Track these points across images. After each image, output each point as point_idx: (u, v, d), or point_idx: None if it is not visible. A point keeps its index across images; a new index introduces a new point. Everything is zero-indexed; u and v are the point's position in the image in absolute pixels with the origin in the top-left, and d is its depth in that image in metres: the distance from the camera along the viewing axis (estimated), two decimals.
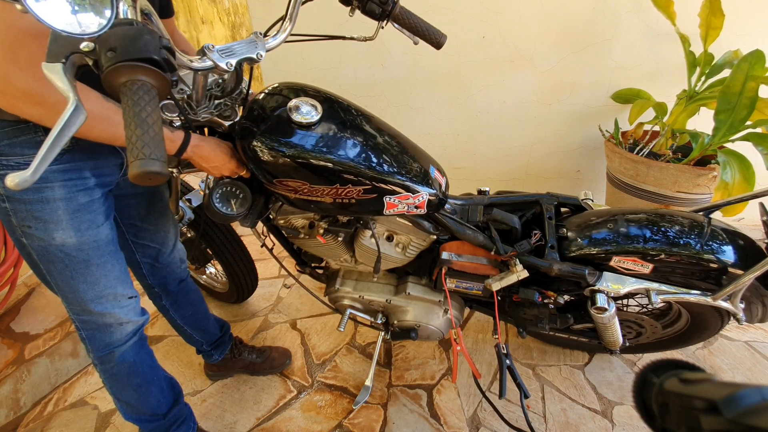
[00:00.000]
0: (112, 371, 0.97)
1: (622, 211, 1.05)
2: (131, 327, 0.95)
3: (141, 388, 1.01)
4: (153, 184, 0.43)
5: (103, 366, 0.97)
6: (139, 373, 1.00)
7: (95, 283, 0.85)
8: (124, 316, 0.92)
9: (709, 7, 1.59)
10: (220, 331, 1.39)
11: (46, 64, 0.44)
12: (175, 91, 0.72)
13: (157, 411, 1.05)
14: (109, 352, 0.94)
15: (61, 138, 0.44)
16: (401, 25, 0.91)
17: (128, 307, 0.93)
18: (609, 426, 1.28)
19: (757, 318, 1.05)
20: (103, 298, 0.87)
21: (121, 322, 0.92)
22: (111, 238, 0.86)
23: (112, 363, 0.96)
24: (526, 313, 1.15)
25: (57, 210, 0.75)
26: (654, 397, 0.43)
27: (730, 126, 1.50)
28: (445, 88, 2.14)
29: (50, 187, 0.74)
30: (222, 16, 3.45)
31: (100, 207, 0.82)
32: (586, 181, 2.33)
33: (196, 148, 0.77)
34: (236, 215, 0.86)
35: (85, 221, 0.79)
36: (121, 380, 0.99)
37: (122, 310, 0.91)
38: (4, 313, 1.56)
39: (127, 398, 1.03)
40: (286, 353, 1.52)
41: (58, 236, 0.77)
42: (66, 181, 0.75)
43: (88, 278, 0.84)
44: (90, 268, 0.83)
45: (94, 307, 0.87)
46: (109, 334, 0.92)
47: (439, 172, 0.98)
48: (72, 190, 0.76)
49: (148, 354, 1.03)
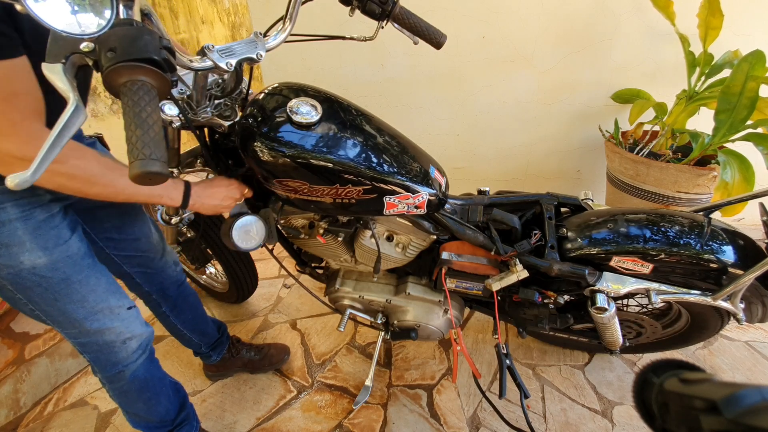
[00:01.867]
0: (122, 389, 0.95)
1: (622, 211, 1.05)
2: (135, 343, 0.91)
3: (151, 401, 1.00)
4: (153, 185, 0.43)
5: (112, 385, 0.94)
6: (149, 387, 0.98)
7: (83, 300, 0.80)
8: (126, 329, 0.87)
9: (708, 7, 1.59)
10: (218, 332, 1.39)
11: (46, 65, 0.44)
12: (175, 91, 0.72)
13: (165, 418, 1.05)
14: (119, 371, 0.90)
15: (61, 138, 0.44)
16: (401, 25, 0.91)
17: (129, 319, 0.88)
18: (609, 426, 1.28)
19: (757, 318, 1.05)
20: (98, 314, 0.82)
21: (123, 338, 0.87)
22: (84, 251, 0.80)
23: (123, 382, 0.93)
24: (526, 313, 1.15)
25: (16, 231, 0.70)
26: (654, 397, 0.43)
27: (730, 126, 1.50)
28: (445, 88, 2.14)
29: (2, 209, 0.69)
30: (222, 16, 3.45)
31: (62, 221, 0.77)
32: (586, 181, 2.33)
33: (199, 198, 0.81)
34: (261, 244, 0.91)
35: (50, 238, 0.74)
36: (132, 396, 0.97)
37: (123, 323, 0.86)
38: (4, 313, 1.56)
39: (136, 411, 1.01)
40: (284, 349, 1.51)
41: (26, 259, 0.72)
42: (17, 200, 0.70)
43: (74, 297, 0.79)
44: (72, 286, 0.78)
45: (90, 326, 0.82)
46: (114, 353, 0.88)
47: (439, 172, 0.98)
48: (26, 208, 0.71)
49: (156, 366, 1.01)
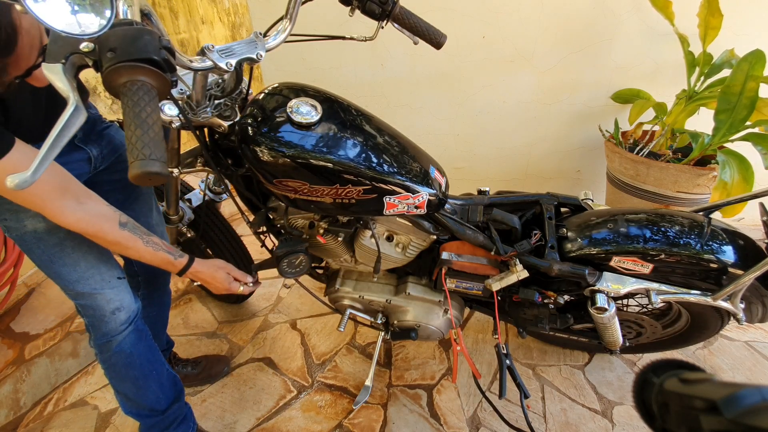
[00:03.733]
0: (110, 361, 0.99)
1: (622, 211, 1.05)
2: (124, 315, 0.96)
3: (138, 381, 1.02)
4: (153, 185, 0.43)
5: (102, 355, 0.99)
6: (136, 365, 1.01)
7: (75, 264, 0.87)
8: (116, 297, 0.93)
9: (708, 7, 1.59)
10: (165, 343, 1.40)
11: (46, 65, 0.44)
12: (175, 91, 0.72)
13: (155, 406, 1.06)
14: (107, 341, 0.96)
15: (61, 138, 0.44)
16: (401, 25, 0.91)
17: (119, 287, 0.94)
18: (609, 426, 1.28)
19: (757, 318, 1.05)
20: (89, 279, 0.89)
21: (113, 306, 0.93)
22: None
23: (110, 352, 0.97)
24: (526, 313, 1.15)
25: None
26: (654, 397, 0.43)
27: (730, 126, 1.50)
28: (445, 88, 2.14)
29: None
30: (222, 16, 3.45)
31: None
32: (586, 181, 2.33)
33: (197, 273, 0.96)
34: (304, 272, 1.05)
35: None
36: (119, 371, 1.00)
37: (113, 291, 0.93)
38: (4, 313, 1.56)
39: (125, 391, 1.04)
40: (222, 360, 1.50)
41: (29, 223, 0.81)
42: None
43: (66, 260, 0.86)
44: (65, 250, 0.86)
45: (81, 288, 0.89)
46: (105, 322, 0.94)
47: (439, 172, 0.98)
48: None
49: (148, 348, 1.04)
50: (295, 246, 1.00)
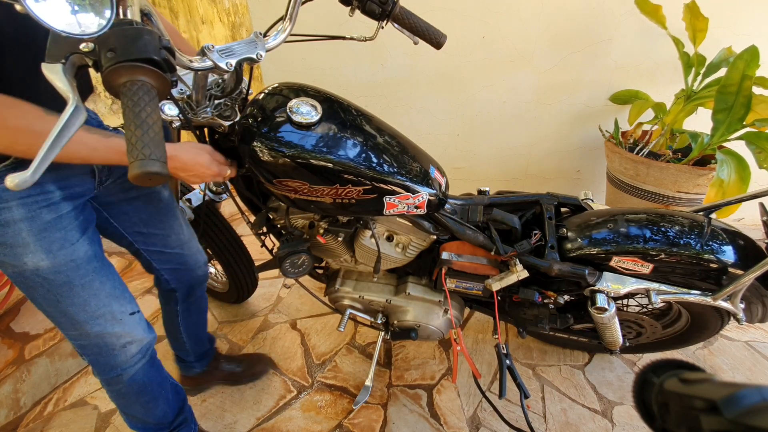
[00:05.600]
0: (120, 392, 0.94)
1: (622, 211, 1.05)
2: (135, 348, 0.89)
3: (149, 404, 0.98)
4: (153, 185, 0.43)
5: (110, 387, 0.93)
6: (147, 391, 0.96)
7: (84, 304, 0.78)
8: (128, 334, 0.86)
9: (690, 12, 1.61)
10: (208, 342, 1.37)
11: (46, 65, 0.44)
12: (175, 91, 0.72)
13: (162, 420, 1.04)
14: (117, 375, 0.89)
15: (61, 138, 0.44)
16: (401, 25, 0.91)
17: (131, 324, 0.86)
18: (609, 426, 1.28)
19: (757, 318, 1.05)
20: (99, 318, 0.81)
21: (123, 342, 0.86)
22: (92, 254, 0.79)
23: (121, 385, 0.92)
24: (526, 313, 1.15)
25: (20, 232, 0.68)
26: (654, 397, 0.43)
27: (728, 125, 1.50)
28: (445, 88, 2.14)
29: (6, 208, 0.66)
30: (222, 16, 3.44)
31: (72, 222, 0.75)
32: (586, 181, 2.33)
33: (177, 158, 0.73)
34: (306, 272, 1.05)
35: (55, 241, 0.72)
36: (130, 398, 0.96)
37: (125, 328, 0.85)
38: (4, 313, 1.56)
39: (133, 413, 1.00)
40: (267, 361, 1.48)
41: (29, 260, 0.70)
42: (24, 198, 0.68)
43: (75, 300, 0.77)
44: (74, 290, 0.76)
45: (91, 329, 0.81)
46: (113, 356, 0.86)
47: (439, 172, 0.98)
48: (33, 207, 0.69)
49: (157, 370, 0.99)
50: (297, 246, 0.99)
